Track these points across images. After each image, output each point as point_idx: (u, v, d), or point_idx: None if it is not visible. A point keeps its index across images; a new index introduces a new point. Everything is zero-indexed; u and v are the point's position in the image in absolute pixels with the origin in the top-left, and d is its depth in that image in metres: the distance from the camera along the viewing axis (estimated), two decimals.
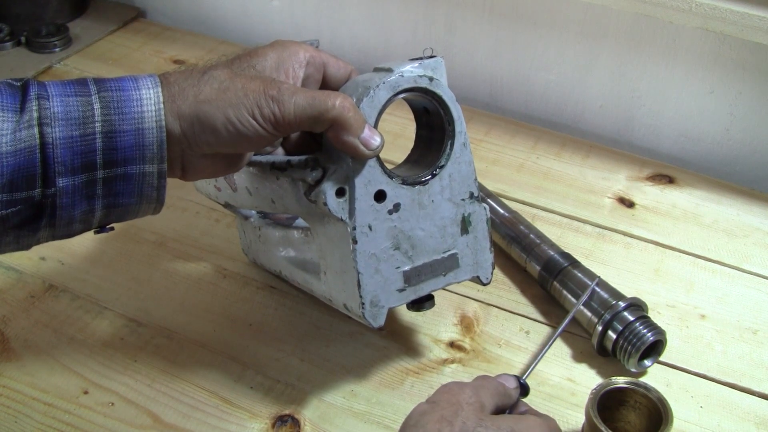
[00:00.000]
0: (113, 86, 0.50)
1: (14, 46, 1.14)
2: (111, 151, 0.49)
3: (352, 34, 1.13)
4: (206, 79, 0.52)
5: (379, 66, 0.61)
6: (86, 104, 0.49)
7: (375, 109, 0.58)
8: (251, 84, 0.52)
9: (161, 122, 0.50)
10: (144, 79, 0.51)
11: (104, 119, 0.49)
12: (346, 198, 0.58)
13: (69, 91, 0.49)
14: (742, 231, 0.87)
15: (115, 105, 0.49)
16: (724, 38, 0.89)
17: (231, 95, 0.51)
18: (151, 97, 0.50)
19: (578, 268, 0.74)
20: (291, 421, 0.65)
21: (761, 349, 0.73)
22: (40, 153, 0.47)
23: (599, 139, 1.03)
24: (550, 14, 0.98)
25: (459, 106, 0.62)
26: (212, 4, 1.22)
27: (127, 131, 0.49)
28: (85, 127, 0.48)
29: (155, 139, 0.50)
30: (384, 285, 0.61)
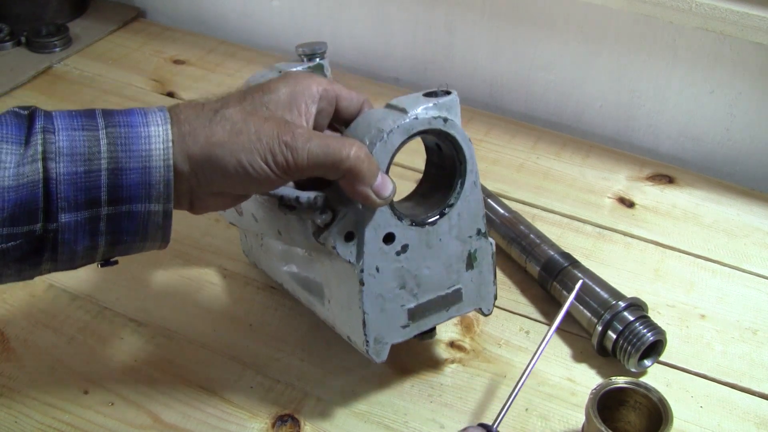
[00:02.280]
0: (121, 121, 0.49)
1: (14, 46, 1.14)
2: (116, 189, 0.48)
3: (352, 34, 1.13)
4: (218, 119, 0.50)
5: (393, 103, 0.59)
6: (93, 139, 0.48)
7: (388, 153, 0.57)
8: (265, 127, 0.51)
9: (169, 161, 0.49)
10: (153, 114, 0.50)
11: (110, 156, 0.48)
12: (355, 242, 0.58)
13: (76, 125, 0.48)
14: (742, 231, 0.87)
15: (122, 141, 0.48)
16: (724, 38, 0.89)
17: (244, 139, 0.50)
18: (160, 135, 0.49)
19: (578, 268, 0.74)
20: (291, 421, 0.65)
21: (761, 349, 0.73)
22: (43, 188, 0.46)
23: (599, 139, 1.03)
24: (550, 14, 0.98)
25: (472, 145, 0.61)
26: (212, 4, 1.22)
27: (134, 169, 0.48)
28: (90, 163, 0.47)
29: (162, 178, 0.49)
30: (388, 323, 0.61)
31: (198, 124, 0.50)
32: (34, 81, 1.08)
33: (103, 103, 1.04)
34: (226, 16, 1.22)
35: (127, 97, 1.05)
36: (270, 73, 0.70)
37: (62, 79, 1.09)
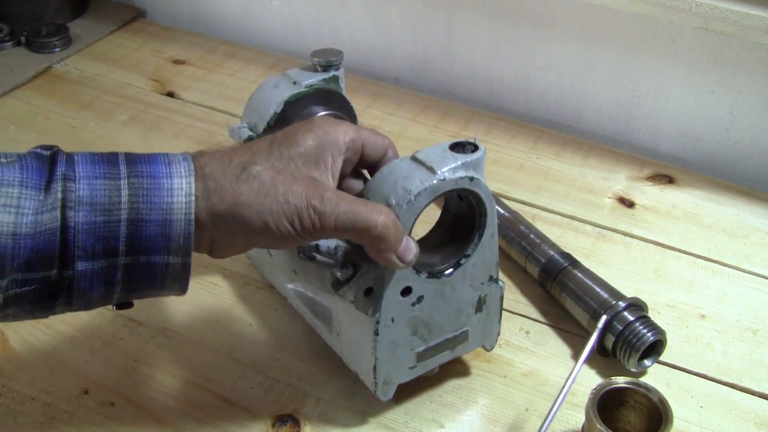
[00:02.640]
0: (144, 171, 0.48)
1: (14, 46, 1.14)
2: (135, 240, 0.47)
3: (352, 34, 1.13)
4: (245, 177, 0.49)
5: (419, 158, 0.57)
6: (114, 189, 0.47)
7: (413, 215, 0.56)
8: (294, 188, 0.50)
9: (190, 215, 0.48)
10: (178, 164, 0.49)
11: (131, 207, 0.47)
12: (373, 296, 0.58)
13: (98, 172, 0.47)
14: (742, 231, 0.87)
15: (143, 193, 0.47)
16: (724, 38, 0.89)
17: (271, 201, 0.49)
18: (183, 188, 0.48)
19: (578, 268, 0.74)
20: (291, 421, 0.65)
21: (761, 349, 0.73)
22: (60, 235, 0.46)
23: (599, 139, 1.03)
24: (550, 14, 0.98)
25: (494, 200, 0.60)
26: (212, 4, 1.22)
27: (154, 221, 0.47)
28: (110, 213, 0.46)
29: (182, 232, 0.48)
30: (398, 366, 0.62)
31: (225, 182, 0.49)
32: (34, 81, 1.08)
33: (103, 102, 1.04)
34: (225, 16, 1.22)
35: (127, 97, 1.05)
36: (282, 80, 0.70)
37: (62, 79, 1.09)
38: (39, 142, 1.01)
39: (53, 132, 0.98)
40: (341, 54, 0.70)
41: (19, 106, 1.03)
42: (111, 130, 0.99)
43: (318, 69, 0.70)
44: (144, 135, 0.98)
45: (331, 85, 0.70)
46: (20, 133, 0.98)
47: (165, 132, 0.99)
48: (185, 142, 0.97)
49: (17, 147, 0.95)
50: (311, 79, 0.69)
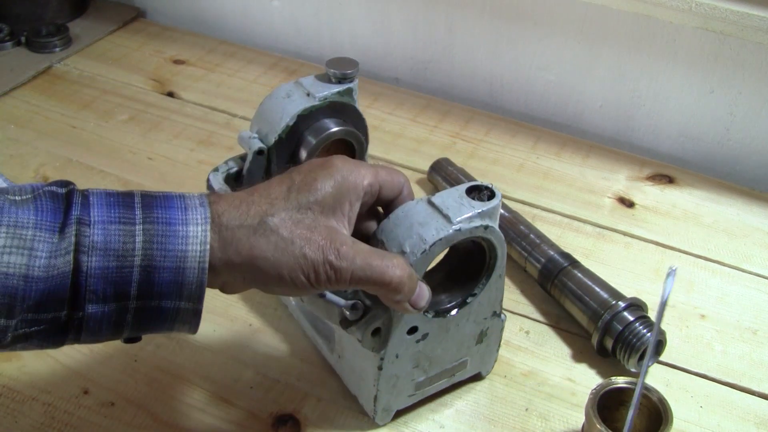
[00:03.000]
0: (159, 217, 0.47)
1: (14, 46, 1.14)
2: (147, 285, 0.47)
3: (352, 34, 1.13)
4: (262, 230, 0.49)
5: (435, 203, 0.57)
6: (128, 235, 0.46)
7: (428, 262, 0.56)
8: (311, 242, 0.49)
9: (204, 264, 0.47)
10: (194, 210, 0.48)
11: (145, 254, 0.46)
12: (380, 336, 0.58)
13: (113, 217, 0.47)
14: (742, 231, 0.87)
15: (158, 240, 0.47)
16: (724, 38, 0.89)
17: (288, 257, 0.49)
18: (198, 236, 0.47)
19: (578, 268, 0.74)
20: (291, 421, 0.65)
21: (761, 349, 0.73)
22: (72, 278, 0.45)
23: (599, 139, 1.03)
24: (550, 14, 0.98)
25: (505, 245, 0.60)
26: (212, 4, 1.22)
27: (167, 268, 0.47)
28: (123, 259, 0.46)
29: (195, 280, 0.47)
30: (397, 395, 0.63)
31: (241, 234, 0.49)
32: (34, 81, 1.08)
33: (103, 102, 1.04)
34: (225, 16, 1.22)
35: (127, 97, 1.05)
36: (295, 89, 0.69)
37: (62, 79, 1.09)
38: (39, 142, 1.01)
39: (53, 132, 0.98)
40: (357, 65, 0.69)
41: (19, 106, 1.03)
42: (111, 130, 0.99)
43: (332, 80, 0.69)
44: (144, 135, 0.98)
45: (345, 98, 0.69)
46: (20, 133, 0.98)
47: (165, 132, 0.99)
48: (185, 142, 0.97)
49: (17, 147, 0.96)
50: (325, 92, 0.68)
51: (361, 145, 0.71)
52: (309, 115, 0.68)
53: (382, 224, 0.57)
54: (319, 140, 0.68)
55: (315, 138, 0.68)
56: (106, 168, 0.92)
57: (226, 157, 0.72)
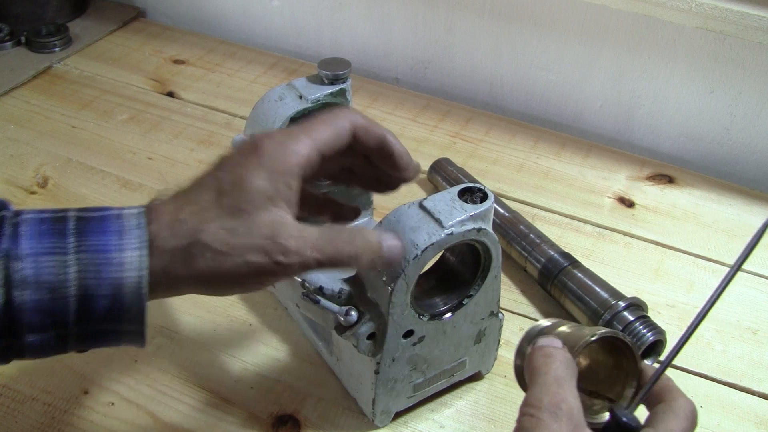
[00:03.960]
0: (93, 245, 0.45)
1: (14, 46, 1.14)
2: (85, 313, 0.45)
3: (352, 34, 1.13)
4: (197, 250, 0.46)
5: (427, 207, 0.56)
6: (60, 266, 0.44)
7: (419, 268, 0.56)
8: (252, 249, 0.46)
9: (141, 291, 0.45)
10: (130, 234, 0.45)
11: (80, 284, 0.44)
12: (376, 340, 0.58)
13: (44, 248, 0.44)
14: (742, 231, 0.87)
15: (93, 269, 0.44)
16: (724, 38, 0.89)
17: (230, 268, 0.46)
18: (134, 262, 0.45)
19: (578, 268, 0.74)
20: (291, 422, 0.65)
21: (761, 349, 0.73)
22: (5, 311, 0.43)
23: (599, 139, 1.03)
24: (550, 14, 0.98)
25: (499, 246, 0.60)
26: (212, 4, 1.22)
27: (104, 296, 0.44)
28: (57, 291, 0.44)
29: (135, 306, 0.45)
30: (396, 397, 0.63)
31: (177, 258, 0.46)
32: (34, 81, 1.08)
33: (103, 102, 1.04)
34: (226, 16, 1.22)
35: (127, 97, 1.05)
36: (287, 92, 0.69)
37: (62, 78, 1.09)
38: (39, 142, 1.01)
39: (53, 132, 0.98)
40: (349, 66, 0.69)
41: (19, 106, 1.03)
42: (111, 130, 0.99)
43: (325, 81, 0.69)
44: (144, 135, 0.98)
45: (338, 99, 0.69)
46: (20, 133, 0.98)
47: (165, 132, 0.99)
48: (185, 141, 0.97)
49: (17, 147, 0.96)
50: (318, 93, 0.68)
51: None
52: (302, 118, 0.68)
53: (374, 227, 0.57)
54: None
55: None
56: (106, 168, 0.92)
57: None
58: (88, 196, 0.88)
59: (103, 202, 0.87)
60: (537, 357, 0.47)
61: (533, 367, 0.46)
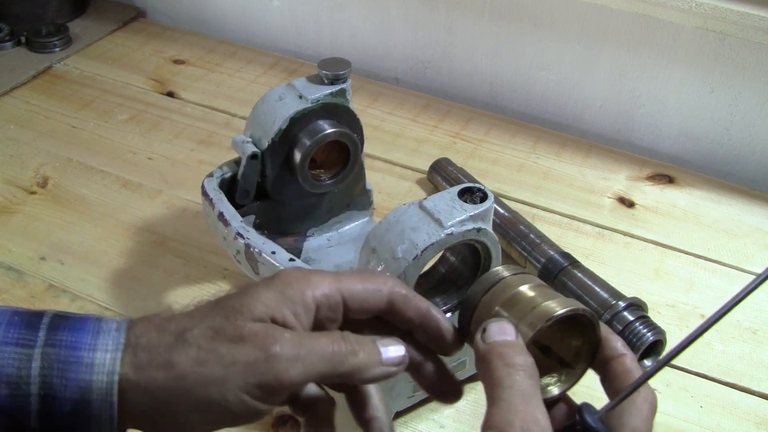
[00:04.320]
0: (64, 340, 0.41)
1: (14, 46, 1.14)
2: (48, 416, 0.40)
3: (352, 34, 1.13)
4: (180, 345, 0.41)
5: (427, 207, 0.56)
6: (24, 360, 0.40)
7: (419, 269, 0.55)
8: (238, 348, 0.40)
9: (111, 398, 0.40)
10: (106, 335, 0.41)
11: (43, 381, 0.39)
12: None
13: (10, 337, 0.40)
14: (742, 231, 0.87)
15: (59, 366, 0.40)
16: (724, 38, 0.89)
17: (213, 368, 0.40)
18: (105, 364, 0.40)
19: (578, 268, 0.74)
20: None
21: (761, 349, 0.73)
22: None
23: (599, 139, 1.03)
24: (550, 14, 0.98)
25: (499, 246, 0.59)
26: (212, 4, 1.22)
27: (69, 399, 0.40)
28: (17, 387, 0.39)
29: (104, 415, 0.40)
30: (396, 398, 0.63)
31: (157, 354, 0.41)
32: (34, 81, 1.08)
33: (103, 102, 1.04)
34: (225, 15, 1.22)
35: (127, 97, 1.05)
36: (287, 92, 0.69)
37: (62, 79, 1.09)
38: (39, 142, 1.01)
39: (53, 132, 0.98)
40: (349, 66, 0.69)
41: (19, 106, 1.03)
42: (111, 130, 0.99)
43: (325, 81, 0.69)
44: (144, 135, 0.98)
45: (338, 99, 0.69)
46: (20, 133, 0.98)
47: (165, 132, 0.99)
48: (185, 141, 0.97)
49: (17, 147, 0.96)
50: (318, 93, 0.68)
51: (355, 146, 0.71)
52: (302, 118, 0.68)
53: (373, 230, 0.57)
54: (313, 142, 0.68)
55: (309, 140, 0.68)
56: (106, 168, 0.92)
57: (226, 157, 0.73)
58: (88, 196, 0.88)
59: (103, 202, 0.87)
60: (497, 365, 0.41)
61: (493, 378, 0.40)
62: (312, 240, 0.76)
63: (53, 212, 0.86)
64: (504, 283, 0.46)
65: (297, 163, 0.68)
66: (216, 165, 0.72)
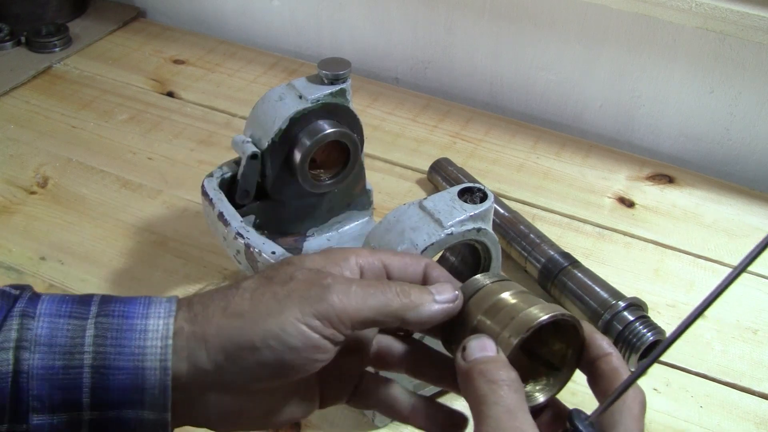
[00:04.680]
0: (117, 310, 0.41)
1: (14, 46, 1.14)
2: (102, 390, 0.39)
3: (352, 34, 1.13)
4: (233, 291, 0.42)
5: (427, 207, 0.56)
6: (77, 329, 0.40)
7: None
8: (290, 284, 0.41)
9: (166, 362, 0.40)
10: (158, 304, 0.42)
11: (96, 351, 0.39)
12: None
13: (63, 311, 0.41)
14: (742, 231, 0.87)
15: (113, 335, 0.40)
16: (724, 38, 0.89)
17: (268, 301, 0.41)
18: (159, 330, 0.40)
19: (578, 268, 0.74)
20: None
21: (761, 349, 0.73)
22: (12, 383, 0.38)
23: (599, 139, 1.03)
24: (550, 14, 0.98)
25: (499, 246, 0.59)
26: (212, 4, 1.22)
27: (123, 368, 0.39)
28: (70, 357, 0.39)
29: (158, 383, 0.40)
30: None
31: (211, 302, 0.42)
32: (34, 81, 1.08)
33: (103, 102, 1.04)
34: (226, 16, 1.22)
35: (127, 97, 1.05)
36: (287, 92, 0.69)
37: (62, 79, 1.09)
38: (39, 142, 1.01)
39: (53, 132, 0.98)
40: (349, 66, 0.69)
41: (19, 106, 1.03)
42: (111, 129, 0.99)
43: (325, 81, 0.69)
44: (144, 135, 0.98)
45: (338, 99, 0.69)
46: (20, 133, 0.98)
47: (165, 132, 0.99)
48: (185, 141, 0.97)
49: (17, 147, 0.96)
50: (317, 93, 0.68)
51: (355, 146, 0.71)
52: (302, 118, 0.68)
53: (373, 230, 0.57)
54: (313, 142, 0.68)
55: (309, 140, 0.68)
56: (106, 168, 0.92)
57: (226, 157, 0.73)
58: (88, 196, 0.88)
59: (103, 202, 0.87)
60: (479, 383, 0.40)
61: (477, 396, 0.39)
62: (312, 240, 0.76)
63: (53, 212, 0.86)
64: (485, 291, 0.46)
65: (297, 163, 0.68)
66: (216, 165, 0.71)
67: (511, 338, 0.42)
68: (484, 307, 0.45)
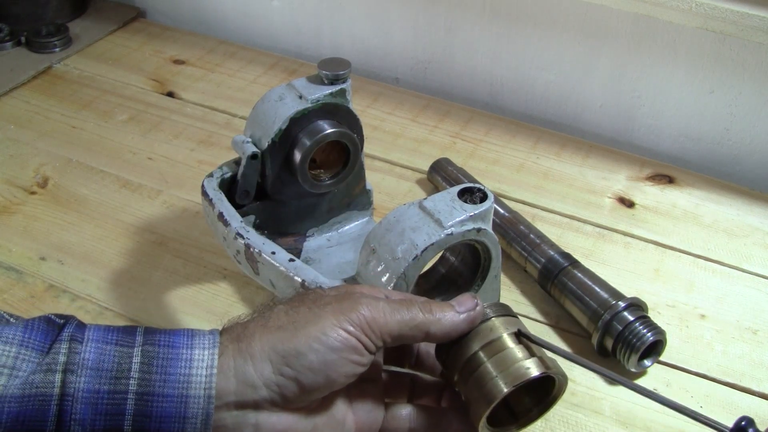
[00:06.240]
0: (162, 340, 0.42)
1: (14, 46, 1.14)
2: (143, 419, 0.40)
3: (352, 34, 1.13)
4: (268, 312, 0.45)
5: (427, 207, 0.56)
6: (124, 356, 0.41)
7: (419, 268, 0.55)
8: (323, 299, 0.45)
9: (210, 392, 0.41)
10: (201, 336, 0.43)
11: (142, 377, 0.40)
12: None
13: (110, 338, 0.42)
14: (742, 231, 0.87)
15: (159, 363, 0.41)
16: (724, 38, 0.89)
17: (305, 313, 0.44)
18: (204, 359, 0.41)
19: (578, 268, 0.74)
20: None
21: (761, 349, 0.73)
22: (57, 406, 0.39)
23: (599, 139, 1.03)
24: (550, 14, 0.98)
25: (499, 246, 0.60)
26: (212, 4, 1.22)
27: (168, 396, 0.40)
28: (116, 382, 0.40)
29: (201, 411, 0.41)
30: None
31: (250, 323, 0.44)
32: (34, 81, 1.08)
33: (103, 102, 1.04)
34: (226, 16, 1.22)
35: (127, 97, 1.05)
36: (287, 92, 0.69)
37: (62, 79, 1.09)
38: (39, 142, 1.01)
39: (53, 132, 0.98)
40: (349, 66, 0.69)
41: (19, 106, 1.03)
42: (111, 130, 0.99)
43: (325, 82, 0.69)
44: (144, 135, 0.98)
45: (338, 99, 0.69)
46: (20, 133, 0.98)
47: (165, 132, 0.99)
48: (185, 142, 0.97)
49: (17, 147, 0.96)
50: (318, 93, 0.68)
51: (355, 146, 0.71)
52: (302, 118, 0.68)
53: (373, 230, 0.57)
54: (313, 142, 0.68)
55: (309, 140, 0.68)
56: (106, 168, 0.92)
57: (226, 157, 0.73)
58: (88, 196, 0.88)
59: (103, 202, 0.87)
60: None
61: None
62: (312, 240, 0.76)
63: (53, 212, 0.86)
64: (486, 326, 0.49)
65: (297, 163, 0.68)
66: (216, 165, 0.72)
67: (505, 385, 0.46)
68: (483, 342, 0.48)
